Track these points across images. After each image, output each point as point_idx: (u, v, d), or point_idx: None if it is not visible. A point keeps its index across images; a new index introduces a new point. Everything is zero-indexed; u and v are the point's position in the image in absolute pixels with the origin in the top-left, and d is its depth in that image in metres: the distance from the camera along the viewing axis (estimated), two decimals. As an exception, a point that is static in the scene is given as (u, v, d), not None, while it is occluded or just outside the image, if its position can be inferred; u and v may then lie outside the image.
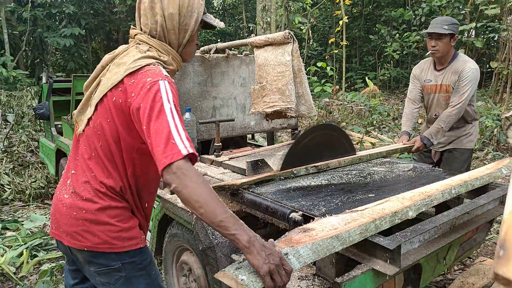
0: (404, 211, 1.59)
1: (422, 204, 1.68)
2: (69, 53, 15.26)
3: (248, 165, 2.17)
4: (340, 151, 2.44)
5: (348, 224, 1.41)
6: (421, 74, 3.12)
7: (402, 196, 1.72)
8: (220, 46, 2.76)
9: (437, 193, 1.77)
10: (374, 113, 7.94)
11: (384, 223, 1.49)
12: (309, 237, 1.27)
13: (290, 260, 1.13)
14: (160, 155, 1.17)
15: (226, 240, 1.88)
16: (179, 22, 1.41)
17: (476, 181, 2.01)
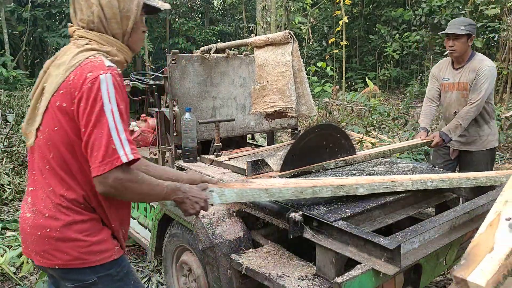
0: (354, 187, 1.71)
1: (379, 186, 1.76)
2: (69, 53, 15.23)
3: (248, 165, 2.17)
4: (340, 151, 2.44)
5: (287, 185, 1.59)
6: (439, 73, 3.21)
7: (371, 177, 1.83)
8: (220, 46, 2.76)
9: (406, 181, 1.82)
10: (374, 113, 7.93)
11: (324, 191, 1.66)
12: (243, 185, 1.56)
13: (213, 196, 1.48)
14: (97, 161, 1.13)
15: (226, 240, 1.88)
16: (119, 8, 1.31)
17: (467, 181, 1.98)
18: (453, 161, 3.22)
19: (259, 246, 1.94)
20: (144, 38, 1.49)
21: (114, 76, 1.21)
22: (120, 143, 1.16)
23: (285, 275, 1.61)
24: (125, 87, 1.28)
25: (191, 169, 2.49)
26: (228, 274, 1.85)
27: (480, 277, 1.13)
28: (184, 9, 19.47)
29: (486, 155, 3.08)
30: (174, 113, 2.62)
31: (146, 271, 3.05)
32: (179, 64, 2.64)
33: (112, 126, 1.16)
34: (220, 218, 1.96)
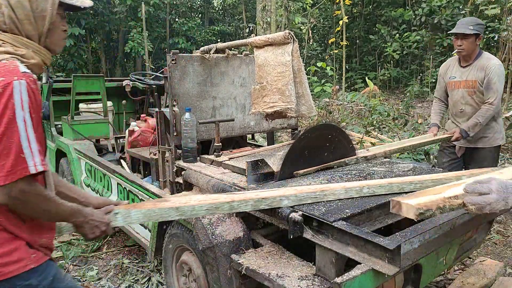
0: (277, 199, 1.66)
1: (307, 196, 1.71)
2: (69, 53, 15.26)
3: (248, 165, 2.17)
4: (340, 151, 2.44)
5: (203, 201, 1.56)
6: (446, 72, 3.29)
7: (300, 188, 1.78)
8: (220, 46, 2.76)
9: (339, 189, 1.78)
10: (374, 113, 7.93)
11: (244, 205, 1.61)
12: (154, 204, 1.52)
13: (118, 219, 1.43)
14: (4, 170, 1.09)
15: (226, 240, 1.88)
16: (32, 8, 1.23)
17: (409, 185, 1.88)
18: (459, 159, 3.27)
19: (259, 246, 1.94)
20: (65, 37, 1.37)
21: (29, 84, 1.16)
22: (31, 152, 1.13)
23: (285, 275, 1.61)
24: (39, 96, 1.21)
25: (191, 169, 2.49)
26: (228, 274, 1.85)
27: (413, 201, 1.29)
28: (184, 9, 19.48)
29: (492, 152, 3.13)
30: (174, 113, 2.62)
31: (146, 271, 3.05)
32: (179, 64, 2.64)
33: (23, 135, 1.12)
34: (220, 218, 1.96)
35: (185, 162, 2.60)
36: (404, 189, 1.87)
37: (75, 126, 4.15)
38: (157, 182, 2.95)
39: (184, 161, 2.61)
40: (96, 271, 3.10)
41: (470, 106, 3.11)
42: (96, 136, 4.27)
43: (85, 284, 2.93)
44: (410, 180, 1.90)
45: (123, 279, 2.98)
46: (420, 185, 1.88)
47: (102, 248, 3.51)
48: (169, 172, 2.70)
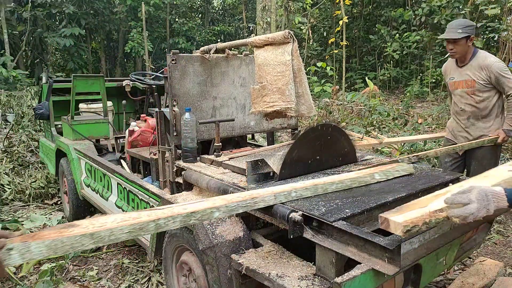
0: (208, 211, 1.56)
1: (238, 205, 1.64)
2: (69, 53, 15.27)
3: (248, 165, 2.17)
4: (340, 151, 2.44)
5: (122, 223, 1.37)
6: (445, 73, 3.35)
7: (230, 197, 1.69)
8: (220, 46, 2.76)
9: (268, 196, 1.74)
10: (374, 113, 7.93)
11: (171, 223, 1.46)
12: (60, 232, 1.28)
13: (12, 256, 1.15)
14: None
15: (226, 240, 1.88)
16: None
17: (331, 185, 1.92)
18: (461, 158, 3.28)
19: (259, 246, 1.94)
20: None
21: None
22: None
23: (285, 275, 1.61)
24: None
25: (191, 169, 2.49)
26: (228, 274, 1.85)
27: (400, 218, 1.32)
28: (184, 9, 19.49)
29: (492, 150, 3.12)
30: (174, 113, 2.62)
31: (146, 271, 3.05)
32: (179, 64, 2.64)
33: None
34: (220, 218, 1.96)
35: (185, 162, 2.60)
36: (328, 190, 1.90)
37: (75, 126, 4.15)
38: (157, 182, 2.95)
39: (184, 161, 2.61)
40: (96, 271, 3.10)
41: (469, 105, 3.13)
42: (96, 136, 4.27)
43: (85, 284, 2.93)
44: (332, 181, 1.95)
45: (123, 279, 2.98)
46: (341, 185, 1.95)
47: (102, 248, 3.51)
48: (169, 172, 2.70)
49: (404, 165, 2.26)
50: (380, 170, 2.14)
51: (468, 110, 3.14)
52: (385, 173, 2.13)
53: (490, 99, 3.06)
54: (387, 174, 2.14)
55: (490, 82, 3.01)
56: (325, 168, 2.35)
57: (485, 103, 3.07)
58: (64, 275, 3.06)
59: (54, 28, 15.17)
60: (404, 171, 2.21)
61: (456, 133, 3.31)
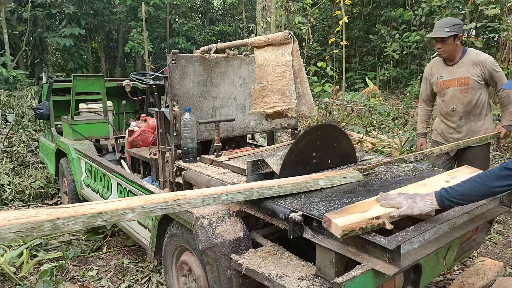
0: (119, 213, 1.44)
1: (157, 207, 1.54)
2: (69, 53, 15.27)
3: (248, 165, 2.17)
4: (340, 151, 2.44)
5: (13, 221, 1.25)
6: (431, 72, 3.22)
7: (149, 198, 1.58)
8: (220, 46, 2.76)
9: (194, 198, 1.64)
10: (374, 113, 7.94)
11: (72, 223, 1.34)
12: None
13: None
14: None
15: (226, 240, 1.88)
16: None
17: (269, 190, 1.83)
18: (452, 160, 3.23)
19: (259, 246, 1.94)
20: None
21: None
22: None
23: (285, 275, 1.61)
24: None
25: (191, 169, 2.49)
26: (228, 274, 1.85)
27: (342, 221, 1.45)
28: (184, 9, 19.49)
29: (484, 150, 3.09)
30: (174, 113, 2.62)
31: (146, 271, 3.05)
32: (179, 64, 2.64)
33: None
34: (220, 218, 1.96)
35: (184, 163, 2.60)
36: (264, 195, 1.82)
37: (75, 126, 4.15)
38: (157, 182, 2.95)
39: (183, 161, 2.61)
40: (96, 271, 3.10)
41: (462, 104, 3.05)
42: (96, 136, 4.27)
43: (85, 284, 2.93)
44: (270, 185, 1.85)
45: (123, 279, 2.98)
46: (280, 190, 1.86)
47: (102, 248, 3.51)
48: (169, 172, 2.70)
49: (353, 172, 2.17)
50: (326, 176, 2.06)
51: (460, 110, 3.07)
52: (330, 180, 2.05)
53: (482, 97, 3.02)
54: (333, 181, 2.06)
55: (484, 78, 2.97)
56: (325, 168, 2.35)
57: (477, 101, 3.02)
58: (64, 275, 3.06)
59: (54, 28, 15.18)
60: (352, 178, 2.13)
61: (446, 135, 3.22)
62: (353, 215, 1.52)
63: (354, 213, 1.54)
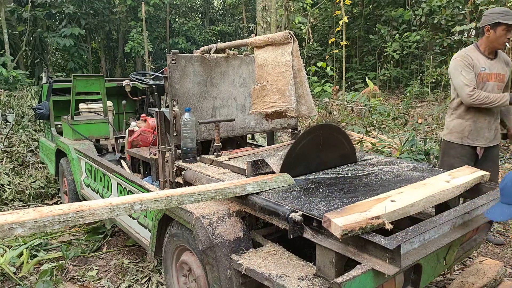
0: (6, 227, 1.31)
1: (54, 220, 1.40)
2: (69, 53, 15.27)
3: (248, 165, 2.17)
4: (340, 151, 2.44)
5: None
6: (474, 62, 3.02)
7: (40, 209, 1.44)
8: (220, 46, 2.76)
9: (100, 208, 1.50)
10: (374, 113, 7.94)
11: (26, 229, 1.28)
12: None
13: None
14: None
15: (226, 240, 1.88)
16: None
17: (190, 197, 1.73)
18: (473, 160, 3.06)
19: (259, 246, 1.94)
20: None
21: None
22: None
23: (285, 275, 1.61)
24: None
25: (191, 169, 2.49)
26: (228, 274, 1.85)
27: (342, 221, 1.45)
28: (184, 9, 19.49)
29: (498, 149, 3.14)
30: (174, 113, 2.62)
31: (146, 271, 3.05)
32: (179, 64, 2.64)
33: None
34: (220, 218, 1.96)
35: (184, 163, 2.60)
36: (184, 202, 1.72)
37: (75, 126, 4.15)
38: (157, 182, 2.95)
39: (183, 161, 2.60)
40: (96, 271, 3.10)
41: None
42: (96, 136, 4.27)
43: (85, 284, 2.93)
44: (191, 192, 1.74)
45: (123, 279, 2.98)
46: (202, 196, 1.77)
47: (102, 248, 3.51)
48: (169, 172, 2.70)
49: (285, 175, 2.10)
50: (254, 180, 1.97)
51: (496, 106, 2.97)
52: (259, 184, 1.96)
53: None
54: (262, 186, 1.96)
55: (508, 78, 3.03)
56: (325, 168, 2.35)
57: None
58: (64, 275, 3.06)
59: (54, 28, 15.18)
60: (283, 183, 2.04)
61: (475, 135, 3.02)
62: (353, 215, 1.53)
63: (354, 213, 1.55)
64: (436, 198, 1.85)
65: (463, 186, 2.04)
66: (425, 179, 2.04)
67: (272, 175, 2.09)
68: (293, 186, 2.05)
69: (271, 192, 1.95)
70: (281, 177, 2.07)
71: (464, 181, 2.06)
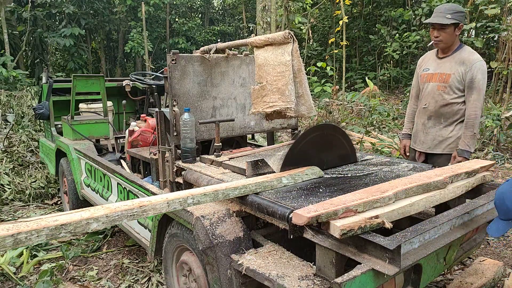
0: (83, 223, 1.44)
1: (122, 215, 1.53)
2: (69, 53, 15.27)
3: (248, 165, 2.17)
4: (340, 151, 2.44)
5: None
6: (421, 64, 2.99)
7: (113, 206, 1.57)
8: (220, 46, 2.76)
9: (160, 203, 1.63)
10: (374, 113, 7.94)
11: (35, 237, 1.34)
12: None
13: None
14: None
15: (226, 240, 1.88)
16: None
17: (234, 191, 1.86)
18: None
19: (259, 246, 1.94)
20: None
21: None
22: None
23: (285, 275, 1.61)
24: None
25: (191, 169, 2.49)
26: (228, 274, 1.85)
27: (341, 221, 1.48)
28: (184, 9, 19.49)
29: (446, 160, 2.80)
30: (174, 113, 2.62)
31: (146, 271, 3.05)
32: (179, 64, 2.64)
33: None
34: (220, 218, 1.96)
35: (184, 163, 2.60)
36: (229, 195, 1.85)
37: (75, 126, 4.15)
38: (157, 182, 2.96)
39: (183, 162, 2.61)
40: (96, 271, 3.10)
41: (435, 102, 2.77)
42: (96, 136, 4.27)
43: (85, 284, 2.93)
44: (235, 186, 1.88)
45: (123, 279, 2.98)
46: (245, 190, 1.90)
47: (102, 248, 3.51)
48: (169, 172, 2.70)
49: (315, 168, 2.21)
50: (289, 174, 2.10)
51: (431, 108, 2.80)
52: (293, 177, 2.08)
53: (457, 103, 2.72)
54: (295, 178, 2.09)
55: (463, 82, 2.66)
56: (325, 168, 2.35)
57: (453, 104, 2.73)
58: (64, 275, 3.06)
59: (54, 28, 15.18)
60: (313, 175, 2.16)
61: (415, 137, 2.96)
62: (351, 217, 1.53)
63: (352, 216, 1.55)
64: (436, 198, 1.86)
65: (463, 186, 2.04)
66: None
67: (303, 168, 2.19)
68: (293, 186, 2.05)
69: (271, 192, 1.95)
70: (311, 170, 2.19)
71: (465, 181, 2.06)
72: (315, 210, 1.54)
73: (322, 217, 1.51)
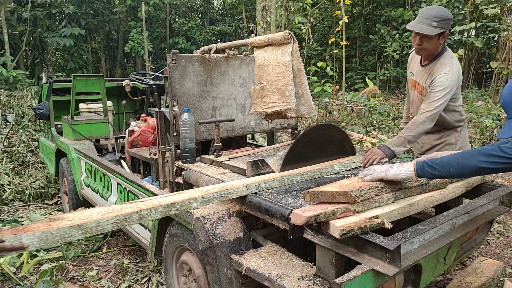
0: (186, 202, 1.67)
1: (214, 196, 1.77)
2: (69, 53, 15.27)
3: (248, 165, 2.17)
4: (340, 151, 2.44)
5: (107, 214, 1.46)
6: (410, 63, 2.76)
7: (206, 189, 1.83)
8: (220, 46, 2.76)
9: (240, 187, 1.87)
10: (374, 113, 7.93)
11: (153, 213, 1.57)
12: (48, 225, 1.36)
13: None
14: None
15: (226, 240, 1.88)
16: None
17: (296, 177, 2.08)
18: None
19: (259, 246, 1.94)
20: None
21: None
22: None
23: (285, 275, 1.61)
24: None
25: (191, 169, 2.49)
26: (228, 274, 1.85)
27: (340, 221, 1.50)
28: (184, 9, 19.49)
29: None
30: (174, 113, 2.62)
31: (146, 271, 3.05)
32: (179, 64, 2.64)
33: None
34: (220, 218, 1.96)
35: (184, 163, 2.60)
36: (293, 181, 2.07)
37: (75, 126, 4.15)
38: (157, 182, 2.96)
39: (182, 162, 2.60)
40: (96, 271, 3.10)
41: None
42: (96, 136, 4.27)
43: (85, 284, 2.93)
44: (297, 172, 2.10)
45: (123, 279, 2.98)
46: (305, 175, 2.12)
47: (102, 248, 3.51)
48: (169, 172, 2.70)
49: (359, 157, 2.43)
50: (339, 162, 2.34)
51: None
52: (343, 165, 2.32)
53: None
54: (345, 166, 2.33)
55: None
56: (325, 168, 2.35)
57: None
58: (64, 275, 3.06)
59: (54, 28, 15.18)
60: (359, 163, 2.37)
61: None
62: (351, 217, 1.54)
63: (352, 216, 1.56)
64: (436, 198, 1.86)
65: (463, 186, 2.04)
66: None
67: (350, 157, 2.43)
68: (293, 186, 2.05)
69: (271, 192, 1.95)
70: (358, 158, 2.39)
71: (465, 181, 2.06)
72: (314, 209, 1.55)
73: (320, 216, 1.51)
